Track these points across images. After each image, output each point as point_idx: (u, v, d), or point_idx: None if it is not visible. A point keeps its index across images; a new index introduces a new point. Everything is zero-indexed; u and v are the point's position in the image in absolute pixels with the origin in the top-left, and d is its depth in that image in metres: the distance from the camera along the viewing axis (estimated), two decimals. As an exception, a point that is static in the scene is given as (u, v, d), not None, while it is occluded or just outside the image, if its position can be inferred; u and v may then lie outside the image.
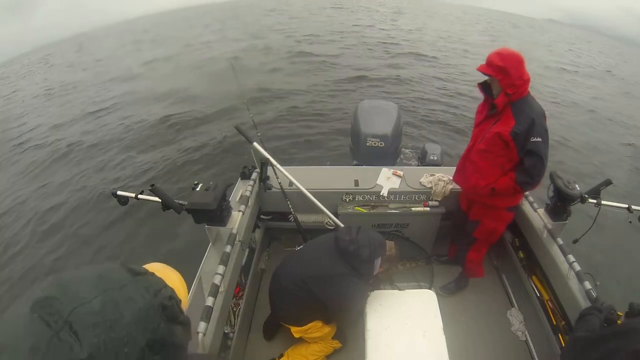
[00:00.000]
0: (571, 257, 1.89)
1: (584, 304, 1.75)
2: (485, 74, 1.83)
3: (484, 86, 1.93)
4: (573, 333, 1.44)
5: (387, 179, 2.55)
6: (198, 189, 1.83)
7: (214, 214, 1.84)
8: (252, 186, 2.40)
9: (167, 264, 0.74)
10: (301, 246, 2.39)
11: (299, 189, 2.25)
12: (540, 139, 1.75)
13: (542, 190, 2.17)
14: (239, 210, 2.09)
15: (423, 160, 3.26)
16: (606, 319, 1.31)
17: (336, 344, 2.07)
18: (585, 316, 1.41)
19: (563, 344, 1.93)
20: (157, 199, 1.73)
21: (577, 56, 17.85)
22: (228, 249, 1.85)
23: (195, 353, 1.37)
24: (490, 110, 1.92)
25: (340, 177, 2.58)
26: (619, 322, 1.30)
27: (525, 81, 1.76)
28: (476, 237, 2.24)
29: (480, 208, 2.14)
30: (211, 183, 1.86)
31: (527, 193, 2.37)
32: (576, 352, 1.27)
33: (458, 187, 2.33)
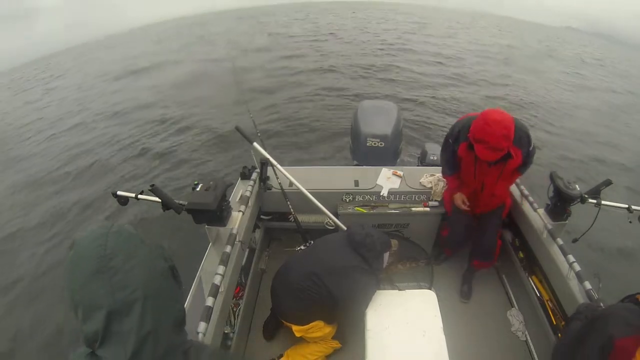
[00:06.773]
0: (571, 257, 1.88)
1: None
2: (496, 161, 1.82)
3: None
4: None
5: (387, 179, 2.55)
6: (198, 189, 1.83)
7: (214, 214, 1.83)
8: (252, 186, 2.40)
9: None
10: (302, 246, 2.39)
11: (299, 189, 2.25)
12: (533, 145, 1.90)
13: (542, 190, 2.17)
14: (239, 211, 2.09)
15: (423, 160, 3.26)
16: (592, 316, 1.28)
17: (336, 344, 2.07)
18: (568, 325, 1.41)
19: None
20: (157, 199, 1.72)
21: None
22: (228, 249, 1.84)
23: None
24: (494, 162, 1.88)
25: (340, 177, 2.58)
26: None
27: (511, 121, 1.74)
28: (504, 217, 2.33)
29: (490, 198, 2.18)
30: (211, 183, 1.85)
31: (527, 193, 2.38)
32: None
33: None
